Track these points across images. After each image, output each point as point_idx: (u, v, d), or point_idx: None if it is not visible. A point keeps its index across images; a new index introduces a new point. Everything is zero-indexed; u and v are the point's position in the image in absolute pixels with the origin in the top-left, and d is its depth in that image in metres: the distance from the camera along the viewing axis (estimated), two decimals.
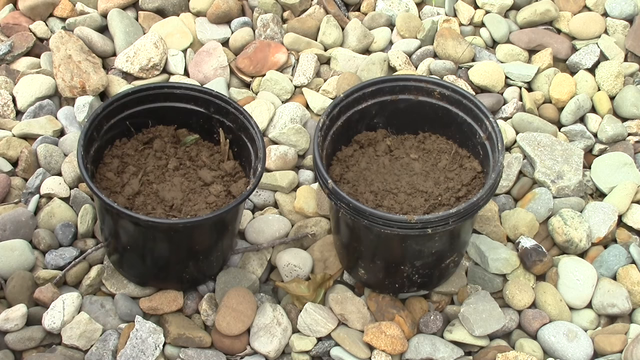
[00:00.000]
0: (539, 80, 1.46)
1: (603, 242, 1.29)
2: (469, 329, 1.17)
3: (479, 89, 1.45)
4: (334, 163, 1.19)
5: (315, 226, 1.27)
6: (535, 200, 1.30)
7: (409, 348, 1.16)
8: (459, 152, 1.20)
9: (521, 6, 1.57)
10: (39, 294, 1.18)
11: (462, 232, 1.13)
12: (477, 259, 1.24)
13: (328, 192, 1.07)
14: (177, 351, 1.16)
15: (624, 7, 1.56)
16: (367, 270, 1.17)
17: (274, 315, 1.17)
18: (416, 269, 1.14)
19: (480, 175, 1.17)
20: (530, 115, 1.40)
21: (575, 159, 1.35)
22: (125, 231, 1.13)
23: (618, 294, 1.22)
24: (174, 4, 1.53)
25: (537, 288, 1.23)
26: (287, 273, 1.22)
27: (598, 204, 1.31)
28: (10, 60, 1.44)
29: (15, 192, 1.29)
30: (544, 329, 1.19)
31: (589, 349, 1.17)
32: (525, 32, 1.52)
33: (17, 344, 1.14)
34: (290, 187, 1.32)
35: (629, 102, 1.43)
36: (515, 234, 1.27)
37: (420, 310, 1.19)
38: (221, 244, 1.18)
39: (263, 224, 1.27)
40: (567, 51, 1.51)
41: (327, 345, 1.17)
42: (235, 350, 1.17)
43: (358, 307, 1.19)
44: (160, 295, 1.19)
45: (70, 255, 1.22)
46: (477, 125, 1.16)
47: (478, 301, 1.18)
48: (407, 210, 1.13)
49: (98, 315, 1.18)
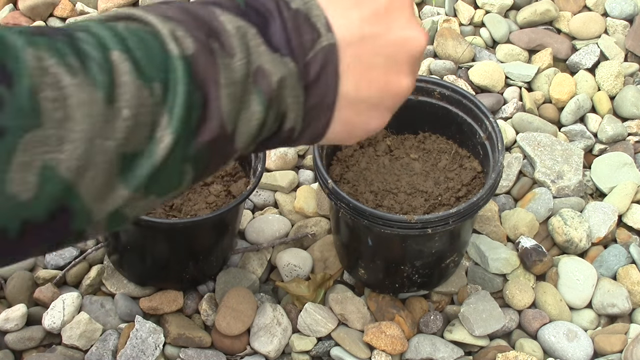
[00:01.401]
0: (539, 80, 1.46)
1: (603, 242, 1.29)
2: (469, 329, 1.17)
3: (479, 89, 1.45)
4: (334, 163, 1.19)
5: (315, 226, 1.27)
6: (535, 200, 1.30)
7: (409, 348, 1.16)
8: (459, 152, 1.20)
9: (521, 6, 1.57)
10: (39, 294, 1.18)
11: (462, 232, 1.13)
12: (477, 259, 1.24)
13: (328, 192, 1.07)
14: (177, 351, 1.16)
15: (624, 7, 1.56)
16: (367, 270, 1.17)
17: (274, 315, 1.17)
18: (416, 269, 1.14)
19: (480, 175, 1.17)
20: (530, 115, 1.40)
21: (575, 159, 1.35)
22: (125, 231, 1.13)
23: (618, 294, 1.22)
24: None
25: (537, 288, 1.23)
26: (287, 273, 1.22)
27: (598, 204, 1.31)
28: None
29: None
30: (544, 329, 1.19)
31: (589, 349, 1.17)
32: (525, 32, 1.52)
33: (17, 344, 1.14)
34: (290, 187, 1.32)
35: (629, 102, 1.43)
36: (515, 234, 1.27)
37: (420, 310, 1.19)
38: (221, 243, 1.18)
39: (263, 224, 1.27)
40: (567, 51, 1.51)
41: (327, 345, 1.17)
42: (235, 350, 1.17)
43: (358, 307, 1.19)
44: (160, 295, 1.19)
45: (70, 255, 1.22)
46: (477, 125, 1.16)
47: (478, 301, 1.18)
48: (407, 210, 1.13)
49: (98, 315, 1.18)
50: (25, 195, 0.43)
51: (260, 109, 0.52)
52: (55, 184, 0.44)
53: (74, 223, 0.46)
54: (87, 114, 0.44)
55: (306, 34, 0.53)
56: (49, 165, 0.43)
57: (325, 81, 0.54)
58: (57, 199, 0.44)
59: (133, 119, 0.46)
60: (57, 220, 0.46)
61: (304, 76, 0.53)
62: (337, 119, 0.57)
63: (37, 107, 0.42)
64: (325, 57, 0.54)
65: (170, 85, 0.48)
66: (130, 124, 0.46)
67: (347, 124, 0.58)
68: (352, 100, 0.56)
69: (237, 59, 0.50)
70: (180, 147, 0.49)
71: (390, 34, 0.56)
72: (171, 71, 0.48)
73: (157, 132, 0.47)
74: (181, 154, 0.49)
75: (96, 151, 0.45)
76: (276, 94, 0.52)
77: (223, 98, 0.50)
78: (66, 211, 0.45)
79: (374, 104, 0.58)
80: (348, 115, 0.57)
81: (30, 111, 0.42)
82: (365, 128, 0.59)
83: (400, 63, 0.57)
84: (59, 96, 0.43)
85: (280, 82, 0.52)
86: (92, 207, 0.46)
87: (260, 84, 0.51)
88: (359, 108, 0.57)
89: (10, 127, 0.41)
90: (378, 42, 0.56)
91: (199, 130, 0.49)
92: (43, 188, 0.43)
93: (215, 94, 0.49)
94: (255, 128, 0.52)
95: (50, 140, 0.43)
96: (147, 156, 0.47)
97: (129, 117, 0.46)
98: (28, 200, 0.43)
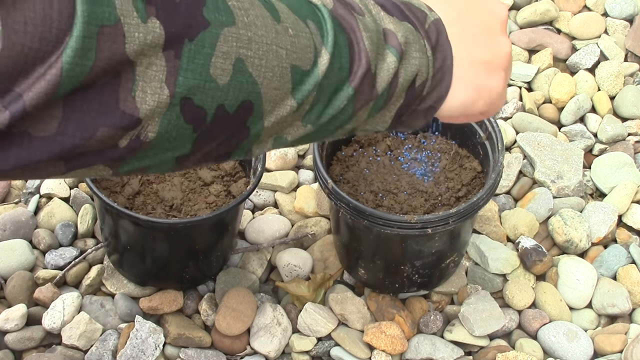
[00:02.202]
0: (539, 80, 1.46)
1: (603, 242, 1.29)
2: (469, 329, 1.17)
3: None
4: (334, 163, 1.19)
5: (315, 226, 1.27)
6: (535, 200, 1.30)
7: (409, 348, 1.16)
8: (459, 152, 1.20)
9: (521, 6, 1.57)
10: (39, 294, 1.18)
11: (462, 232, 1.13)
12: (477, 259, 1.24)
13: (328, 192, 1.07)
14: (177, 351, 1.16)
15: (624, 7, 1.56)
16: (367, 270, 1.17)
17: (274, 315, 1.17)
18: (416, 269, 1.14)
19: (480, 175, 1.17)
20: (530, 115, 1.40)
21: (575, 159, 1.35)
22: (125, 231, 1.13)
23: (618, 294, 1.22)
24: None
25: (537, 288, 1.23)
26: (287, 273, 1.22)
27: (598, 204, 1.31)
28: None
29: (15, 192, 1.29)
30: (544, 329, 1.19)
31: (589, 349, 1.17)
32: (525, 32, 1.52)
33: (17, 344, 1.14)
34: (290, 187, 1.32)
35: (629, 102, 1.43)
36: (515, 234, 1.27)
37: (420, 310, 1.19)
38: (221, 243, 1.18)
39: (263, 224, 1.27)
40: (567, 51, 1.51)
41: (327, 345, 1.17)
42: (235, 350, 1.17)
43: (358, 307, 1.19)
44: (160, 295, 1.19)
45: (70, 255, 1.22)
46: (477, 125, 1.16)
47: (478, 301, 1.18)
48: (407, 210, 1.13)
49: (98, 315, 1.18)
50: (223, 80, 0.49)
51: (395, 59, 0.58)
52: (244, 75, 0.50)
53: (251, 123, 0.53)
54: (263, 24, 0.52)
55: (416, 11, 0.61)
56: (241, 58, 0.50)
57: (443, 45, 0.62)
58: (245, 90, 0.51)
59: (296, 37, 0.53)
60: (240, 114, 0.52)
61: (428, 41, 0.61)
62: (460, 82, 0.63)
63: (229, 9, 0.49)
64: (437, 28, 0.62)
65: (321, 24, 0.56)
66: (295, 41, 0.53)
67: (469, 85, 0.63)
68: (468, 62, 0.63)
69: (367, 17, 0.58)
70: (336, 73, 0.56)
71: (480, 9, 0.66)
72: (319, 14, 0.56)
73: (318, 56, 0.55)
74: (337, 80, 0.56)
75: (273, 55, 0.52)
76: (404, 48, 0.59)
77: (365, 40, 0.57)
78: (249, 108, 0.52)
79: (488, 62, 0.65)
80: (468, 76, 0.63)
81: (224, 11, 0.49)
82: (488, 87, 0.65)
83: (494, 27, 0.66)
84: (243, 6, 0.51)
85: (405, 39, 0.59)
86: (267, 109, 0.53)
87: (389, 41, 0.59)
88: (477, 68, 0.64)
89: (213, 20, 0.48)
90: (473, 16, 0.65)
91: (351, 66, 0.56)
92: (235, 77, 0.50)
93: (358, 35, 0.57)
94: (391, 76, 0.59)
95: (242, 38, 0.50)
96: (312, 75, 0.54)
97: (293, 35, 0.53)
98: (224, 85, 0.49)
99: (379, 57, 0.58)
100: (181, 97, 0.48)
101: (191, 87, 0.48)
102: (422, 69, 0.60)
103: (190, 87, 0.48)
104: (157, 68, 0.46)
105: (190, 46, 0.47)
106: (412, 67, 0.60)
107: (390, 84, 0.59)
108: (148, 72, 0.46)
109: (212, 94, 0.49)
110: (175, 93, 0.47)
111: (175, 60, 0.47)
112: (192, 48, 0.47)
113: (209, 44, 0.48)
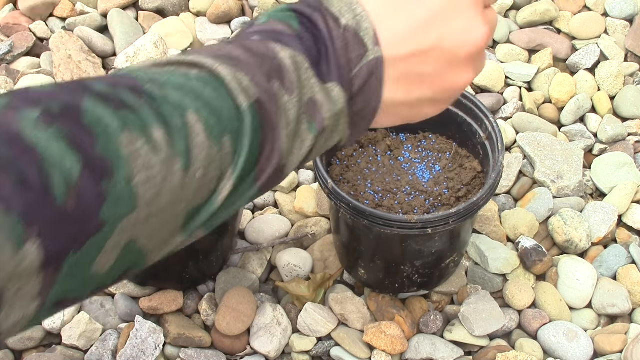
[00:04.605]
0: (539, 80, 1.46)
1: (603, 242, 1.29)
2: (469, 329, 1.17)
3: (479, 89, 1.45)
4: (334, 163, 1.19)
5: (315, 226, 1.27)
6: (535, 200, 1.30)
7: (409, 348, 1.16)
8: (459, 152, 1.20)
9: (521, 6, 1.57)
10: None
11: (462, 232, 1.13)
12: (477, 259, 1.24)
13: (328, 192, 1.07)
14: (177, 351, 1.16)
15: (624, 7, 1.56)
16: (367, 270, 1.17)
17: (274, 315, 1.17)
18: (416, 269, 1.14)
19: (480, 175, 1.17)
20: (530, 115, 1.40)
21: (575, 159, 1.35)
22: None
23: (618, 294, 1.22)
24: (174, 4, 1.53)
25: (537, 288, 1.23)
26: (287, 273, 1.22)
27: (598, 204, 1.31)
28: (10, 60, 1.44)
29: None
30: (544, 329, 1.19)
31: (589, 349, 1.17)
32: (525, 32, 1.52)
33: (16, 343, 1.14)
34: (290, 187, 1.32)
35: (629, 102, 1.43)
36: (515, 234, 1.27)
37: (420, 310, 1.19)
38: (221, 243, 1.18)
39: (263, 224, 1.27)
40: (567, 51, 1.51)
41: (327, 345, 1.17)
42: (235, 350, 1.17)
43: (358, 307, 1.19)
44: (160, 295, 1.19)
45: None
46: (477, 125, 1.16)
47: (478, 301, 1.18)
48: (407, 210, 1.13)
49: (98, 315, 1.18)
50: (105, 269, 0.45)
51: (311, 137, 0.54)
52: (133, 254, 0.46)
53: (131, 273, 0.49)
54: (169, 188, 0.46)
55: (353, 52, 0.54)
56: (133, 239, 0.46)
57: (369, 91, 0.55)
58: (130, 263, 0.47)
59: (203, 178, 0.48)
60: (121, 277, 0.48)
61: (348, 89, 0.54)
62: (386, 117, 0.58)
63: (133, 193, 0.44)
64: (369, 70, 0.54)
65: (238, 138, 0.50)
66: (201, 183, 0.48)
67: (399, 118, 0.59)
68: (401, 103, 0.57)
69: (295, 96, 0.52)
70: (239, 192, 0.51)
71: (445, 41, 0.56)
72: (239, 124, 0.50)
73: (221, 184, 0.50)
74: (238, 196, 0.51)
75: (170, 216, 0.47)
76: (327, 123, 0.54)
77: (284, 137, 0.52)
78: (130, 270, 0.48)
79: (428, 101, 0.58)
80: (399, 113, 0.58)
81: (127, 199, 0.44)
82: (420, 117, 0.60)
83: (457, 62, 0.56)
84: (150, 176, 0.45)
85: (331, 112, 0.54)
86: (151, 258, 0.50)
87: (312, 115, 0.53)
88: (412, 105, 0.58)
89: (109, 218, 0.43)
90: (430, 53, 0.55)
91: (259, 173, 0.52)
92: (122, 259, 0.46)
93: (276, 135, 0.51)
94: (305, 154, 0.54)
95: (140, 219, 0.45)
96: (208, 206, 0.50)
97: (200, 177, 0.48)
98: (106, 272, 0.45)
99: (294, 146, 0.53)
100: (53, 302, 0.44)
101: (67, 290, 0.44)
102: (339, 134, 0.56)
103: (66, 290, 0.44)
104: (30, 288, 0.42)
105: (73, 257, 0.43)
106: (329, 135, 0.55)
107: (302, 161, 0.55)
108: (18, 294, 0.42)
109: (90, 283, 0.45)
110: (46, 302, 0.44)
111: (54, 275, 0.42)
112: (75, 259, 0.43)
113: (97, 247, 0.44)
